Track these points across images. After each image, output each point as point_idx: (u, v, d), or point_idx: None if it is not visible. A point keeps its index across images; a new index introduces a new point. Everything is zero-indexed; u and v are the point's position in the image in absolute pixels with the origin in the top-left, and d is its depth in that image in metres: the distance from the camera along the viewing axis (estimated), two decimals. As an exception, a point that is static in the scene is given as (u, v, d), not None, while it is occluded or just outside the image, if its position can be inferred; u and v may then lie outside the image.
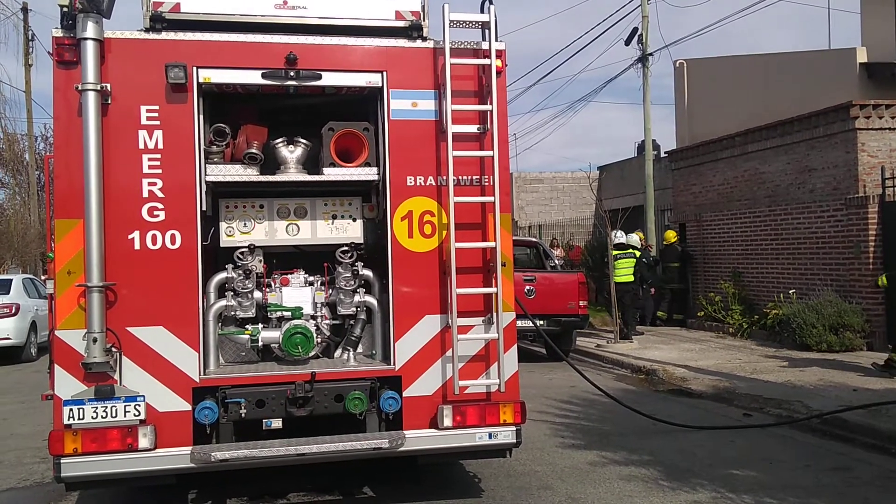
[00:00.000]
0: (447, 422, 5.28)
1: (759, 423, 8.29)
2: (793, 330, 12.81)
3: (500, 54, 5.39)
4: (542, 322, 12.23)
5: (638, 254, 14.98)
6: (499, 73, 5.37)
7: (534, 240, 17.34)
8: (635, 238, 15.46)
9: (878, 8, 14.96)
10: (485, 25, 5.38)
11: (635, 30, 19.61)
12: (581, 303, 13.08)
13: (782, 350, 12.86)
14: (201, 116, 5.16)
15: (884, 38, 14.50)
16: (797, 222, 14.13)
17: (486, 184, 5.42)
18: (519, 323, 5.75)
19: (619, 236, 15.07)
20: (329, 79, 5.28)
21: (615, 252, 14.66)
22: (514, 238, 6.03)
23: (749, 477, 6.33)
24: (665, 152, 20.58)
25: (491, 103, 5.35)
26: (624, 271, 14.65)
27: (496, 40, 5.36)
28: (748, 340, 14.42)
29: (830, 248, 13.32)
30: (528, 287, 12.79)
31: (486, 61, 5.34)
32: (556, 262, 14.88)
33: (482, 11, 5.45)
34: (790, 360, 11.77)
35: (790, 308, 13.16)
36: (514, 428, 5.39)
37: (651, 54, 19.44)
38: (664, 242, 17.73)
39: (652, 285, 16.50)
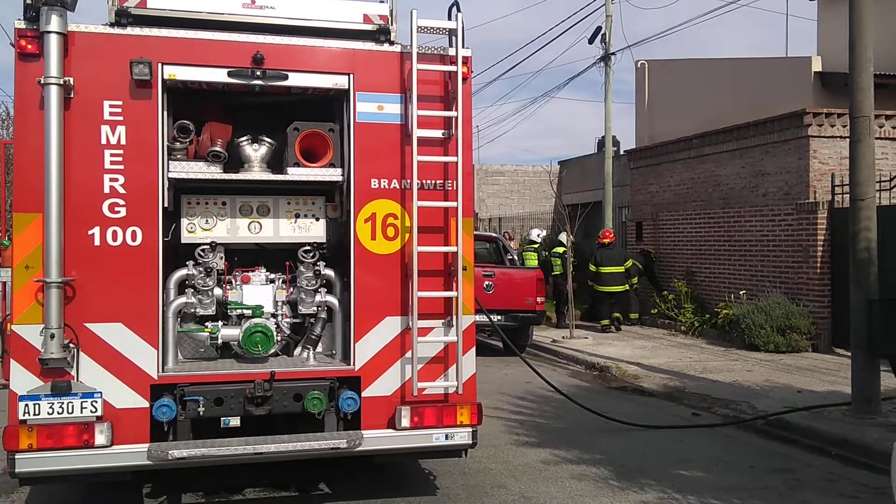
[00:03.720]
0: (405, 422, 5.37)
1: (707, 423, 8.55)
2: (742, 330, 13.17)
3: (466, 61, 5.45)
4: (499, 317, 12.40)
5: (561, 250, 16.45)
6: (464, 79, 5.44)
7: (493, 235, 17.48)
8: (563, 237, 16.59)
9: (834, 17, 15.35)
10: (452, 32, 5.44)
11: (599, 28, 19.82)
12: (538, 299, 13.28)
13: (731, 349, 13.22)
14: (165, 113, 5.14)
15: (838, 48, 14.88)
16: (749, 225, 14.50)
17: (450, 188, 5.50)
18: (477, 318, 5.86)
19: (536, 236, 17.49)
20: (295, 79, 5.30)
21: (524, 247, 16.87)
22: (475, 233, 6.14)
23: (695, 477, 6.54)
24: (624, 151, 20.87)
25: (456, 109, 5.42)
26: (533, 263, 16.15)
27: (463, 47, 5.43)
28: (699, 339, 14.78)
29: (780, 252, 13.70)
30: (486, 282, 12.93)
31: (453, 68, 5.41)
32: (514, 255, 15.07)
33: (449, 18, 5.50)
34: (738, 360, 12.12)
35: (740, 309, 13.52)
36: (470, 429, 5.50)
37: (613, 54, 19.67)
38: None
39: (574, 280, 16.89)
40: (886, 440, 6.71)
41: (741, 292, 14.21)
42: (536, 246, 17.34)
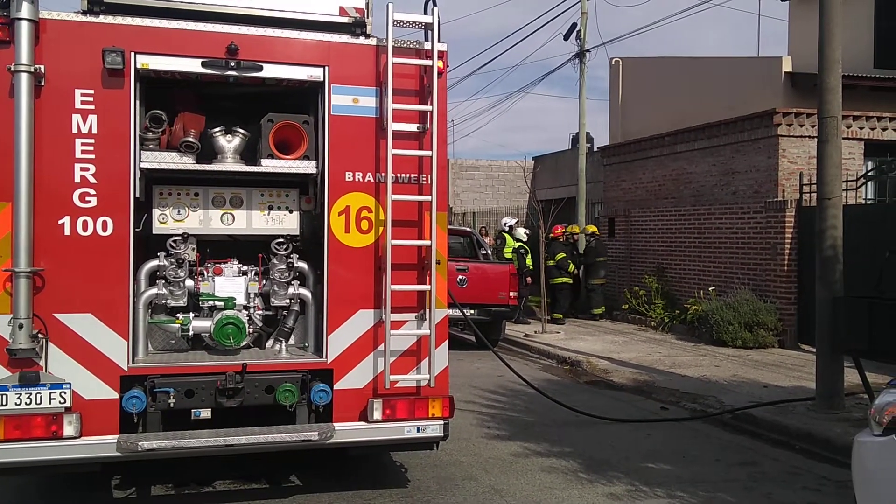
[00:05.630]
0: (377, 415, 5.39)
1: (675, 416, 8.67)
2: (710, 326, 13.34)
3: (441, 55, 5.47)
4: (472, 311, 12.46)
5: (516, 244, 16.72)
6: (440, 73, 5.45)
7: (468, 229, 17.53)
8: (520, 232, 17.14)
9: (806, 18, 15.56)
10: (428, 27, 5.46)
11: (574, 25, 19.90)
12: (511, 294, 13.36)
13: (700, 345, 13.40)
14: (137, 102, 5.10)
15: (809, 49, 15.10)
16: (719, 222, 14.68)
17: (424, 182, 5.52)
18: (450, 312, 5.88)
19: (507, 222, 17.64)
20: (270, 71, 5.28)
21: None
22: (449, 228, 6.17)
23: (663, 470, 6.64)
24: (598, 147, 21.00)
25: (431, 104, 5.44)
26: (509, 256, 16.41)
27: (438, 41, 5.44)
28: (669, 334, 14.95)
29: (749, 249, 13.90)
30: (460, 277, 12.98)
31: (429, 62, 5.42)
32: (488, 250, 15.14)
33: (426, 13, 5.51)
34: (707, 355, 12.29)
35: (709, 305, 13.69)
36: (442, 422, 5.54)
37: (588, 51, 19.77)
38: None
39: (527, 275, 16.90)
40: (849, 434, 6.84)
41: (710, 289, 14.39)
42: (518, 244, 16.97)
